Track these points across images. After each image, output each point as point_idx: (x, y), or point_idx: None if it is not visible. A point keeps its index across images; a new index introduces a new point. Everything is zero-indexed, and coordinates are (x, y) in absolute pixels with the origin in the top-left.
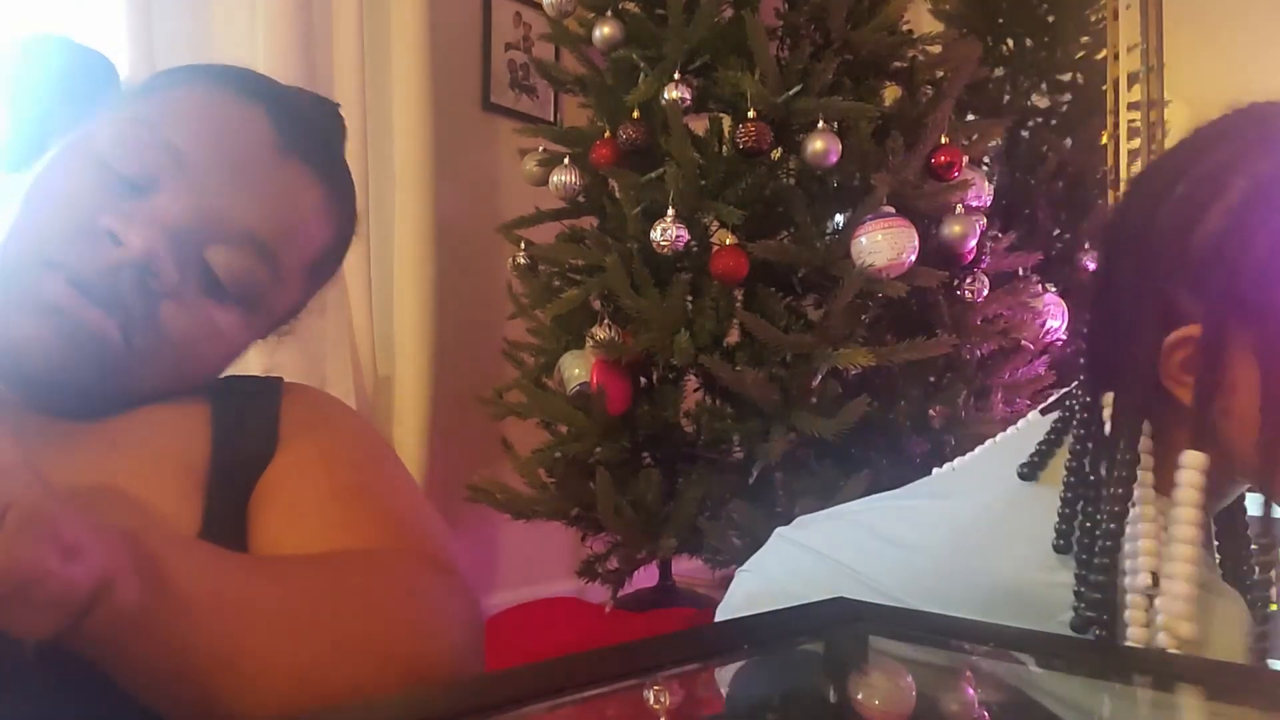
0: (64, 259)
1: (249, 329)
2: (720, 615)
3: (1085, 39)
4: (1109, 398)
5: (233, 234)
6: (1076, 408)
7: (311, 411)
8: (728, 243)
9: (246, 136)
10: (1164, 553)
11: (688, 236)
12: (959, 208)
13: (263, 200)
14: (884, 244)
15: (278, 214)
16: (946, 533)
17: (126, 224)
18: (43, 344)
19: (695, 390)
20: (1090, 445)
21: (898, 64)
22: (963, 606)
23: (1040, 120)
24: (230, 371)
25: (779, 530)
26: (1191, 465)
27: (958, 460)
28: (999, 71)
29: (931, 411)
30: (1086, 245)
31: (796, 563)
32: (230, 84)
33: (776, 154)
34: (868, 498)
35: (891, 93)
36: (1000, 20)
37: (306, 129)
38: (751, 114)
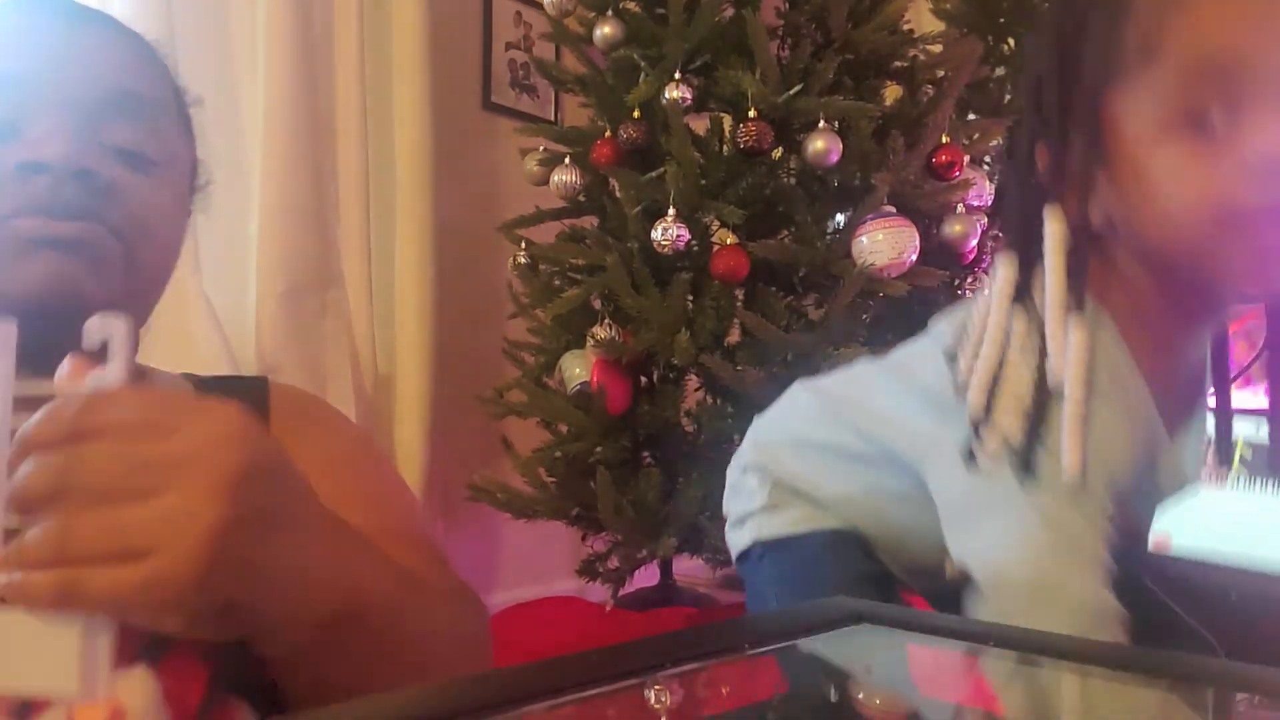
0: (12, 206)
1: (178, 191)
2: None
3: None
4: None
5: (111, 102)
6: None
7: (301, 414)
8: (728, 242)
9: (45, 27)
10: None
11: (688, 236)
12: (960, 207)
13: (104, 61)
14: (885, 243)
15: (123, 63)
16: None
17: (33, 151)
18: (59, 276)
19: (696, 390)
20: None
21: (898, 63)
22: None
23: None
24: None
25: (799, 379)
26: (1051, 218)
27: None
28: (1000, 71)
29: None
30: None
31: (804, 406)
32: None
33: (777, 153)
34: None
35: (892, 92)
36: (1001, 20)
37: (81, 8)
38: (752, 113)
